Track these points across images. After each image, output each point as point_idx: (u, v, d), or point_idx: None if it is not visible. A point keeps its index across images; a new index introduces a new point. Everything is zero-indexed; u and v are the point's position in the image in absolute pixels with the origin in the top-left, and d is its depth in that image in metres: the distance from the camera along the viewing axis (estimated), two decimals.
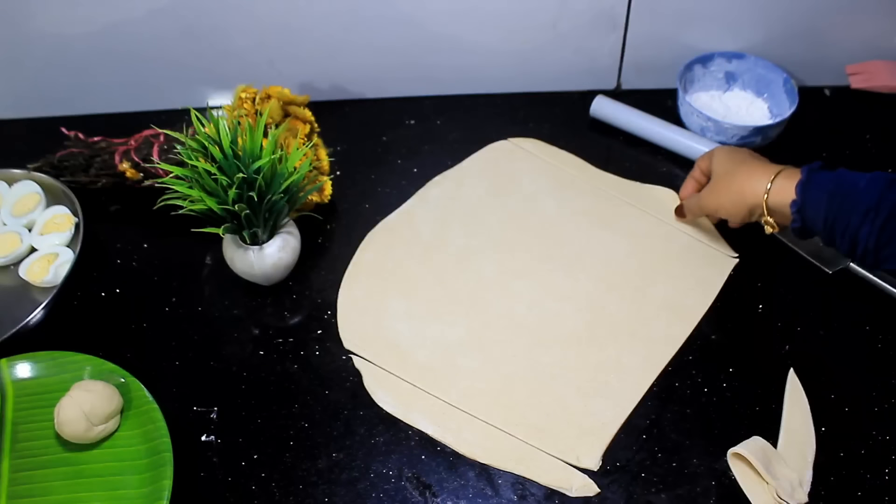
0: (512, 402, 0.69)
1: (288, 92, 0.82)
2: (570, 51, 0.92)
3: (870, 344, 0.72)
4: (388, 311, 0.75)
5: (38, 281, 0.76)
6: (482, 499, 0.64)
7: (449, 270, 0.78)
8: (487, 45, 0.91)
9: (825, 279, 0.76)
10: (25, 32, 0.88)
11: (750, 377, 0.70)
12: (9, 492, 0.64)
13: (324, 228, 0.83)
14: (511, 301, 0.76)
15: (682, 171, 0.87)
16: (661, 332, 0.73)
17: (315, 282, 0.79)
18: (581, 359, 0.71)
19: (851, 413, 0.67)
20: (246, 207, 0.67)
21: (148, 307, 0.77)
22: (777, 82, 0.90)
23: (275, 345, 0.74)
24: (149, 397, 0.67)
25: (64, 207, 0.82)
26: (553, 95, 0.97)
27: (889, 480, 0.63)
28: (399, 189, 0.86)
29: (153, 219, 0.77)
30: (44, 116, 0.96)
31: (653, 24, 0.90)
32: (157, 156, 0.80)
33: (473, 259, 0.79)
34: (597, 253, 0.79)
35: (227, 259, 0.74)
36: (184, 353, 0.74)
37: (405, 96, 0.97)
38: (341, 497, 0.64)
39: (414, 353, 0.72)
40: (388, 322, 0.74)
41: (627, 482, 0.64)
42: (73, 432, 0.64)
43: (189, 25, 0.87)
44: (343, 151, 0.90)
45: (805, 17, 0.89)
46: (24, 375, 0.70)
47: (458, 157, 0.89)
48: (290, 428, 0.68)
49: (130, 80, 0.93)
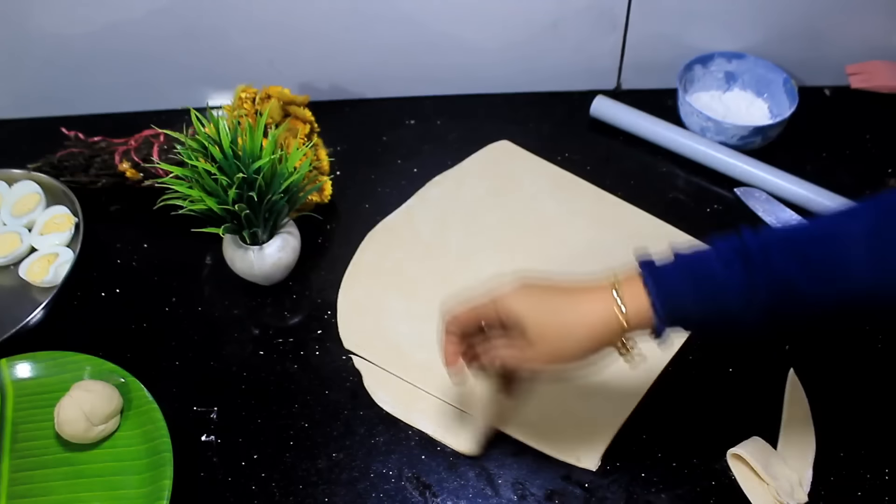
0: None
1: (288, 92, 0.82)
2: (570, 51, 0.92)
3: (870, 344, 0.72)
4: (388, 312, 0.75)
5: (38, 281, 0.76)
6: (482, 499, 0.64)
7: (449, 270, 0.78)
8: (487, 45, 0.91)
9: None
10: (25, 32, 0.88)
11: (750, 377, 0.70)
12: (9, 492, 0.64)
13: (324, 228, 0.83)
14: None
15: (682, 171, 0.87)
16: None
17: (315, 282, 0.79)
18: None
19: (851, 413, 0.67)
20: (246, 207, 0.67)
21: (148, 307, 0.77)
22: (777, 82, 0.90)
23: (275, 345, 0.74)
24: (149, 397, 0.67)
25: (64, 207, 0.82)
26: (553, 95, 0.97)
27: (889, 480, 0.63)
28: (399, 189, 0.86)
29: (153, 219, 0.77)
30: (44, 116, 0.96)
31: (653, 24, 0.90)
32: (157, 156, 0.80)
33: (473, 259, 0.79)
34: (597, 253, 0.79)
35: (227, 259, 0.74)
36: (184, 353, 0.74)
37: (405, 96, 0.97)
38: (341, 497, 0.64)
39: (414, 353, 0.72)
40: (389, 322, 0.74)
41: (627, 482, 0.64)
42: (73, 432, 0.64)
43: (189, 25, 0.87)
44: (343, 151, 0.90)
45: (805, 17, 0.89)
46: (24, 375, 0.70)
47: (458, 157, 0.89)
48: (290, 428, 0.68)
49: (130, 80, 0.93)
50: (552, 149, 0.90)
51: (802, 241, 0.51)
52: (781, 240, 0.51)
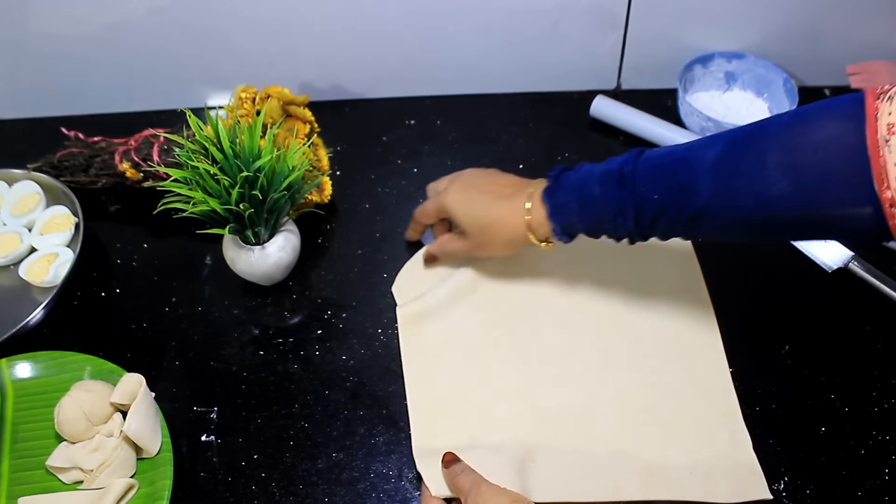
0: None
1: (288, 92, 0.82)
2: (570, 51, 0.92)
3: (870, 344, 0.72)
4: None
5: (38, 281, 0.76)
6: None
7: (498, 365, 0.72)
8: (487, 45, 0.91)
9: (825, 279, 0.76)
10: (25, 32, 0.88)
11: (750, 377, 0.70)
12: (9, 492, 0.64)
13: (324, 228, 0.83)
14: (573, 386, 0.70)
15: None
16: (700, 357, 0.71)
17: (315, 282, 0.79)
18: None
19: (851, 413, 0.67)
20: (250, 207, 0.67)
21: (148, 307, 0.77)
22: (777, 82, 0.90)
23: (275, 345, 0.74)
24: None
25: (64, 207, 0.82)
26: (553, 95, 0.97)
27: (889, 480, 0.63)
28: (399, 189, 0.86)
29: (153, 219, 0.77)
30: (44, 116, 0.96)
31: (653, 24, 0.90)
32: (157, 156, 0.80)
33: (521, 348, 0.73)
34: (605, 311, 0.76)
35: (228, 259, 0.74)
36: (184, 353, 0.74)
37: (405, 96, 0.97)
38: (341, 497, 0.64)
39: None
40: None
41: None
42: (73, 432, 0.64)
43: (189, 25, 0.87)
44: (343, 151, 0.90)
45: (805, 17, 0.89)
46: (24, 375, 0.70)
47: (458, 157, 0.89)
48: (290, 428, 0.68)
49: (130, 80, 0.93)
50: (552, 149, 0.90)
51: (664, 165, 0.60)
52: (649, 166, 0.60)
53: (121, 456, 0.63)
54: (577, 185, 0.64)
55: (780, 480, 0.63)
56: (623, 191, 0.61)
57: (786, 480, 0.63)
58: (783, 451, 0.65)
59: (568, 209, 0.64)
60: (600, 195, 0.62)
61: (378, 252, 0.81)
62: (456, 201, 0.71)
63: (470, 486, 0.58)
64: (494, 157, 0.89)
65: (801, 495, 0.63)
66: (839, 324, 0.73)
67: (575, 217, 0.64)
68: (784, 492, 0.63)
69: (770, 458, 0.64)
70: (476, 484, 0.58)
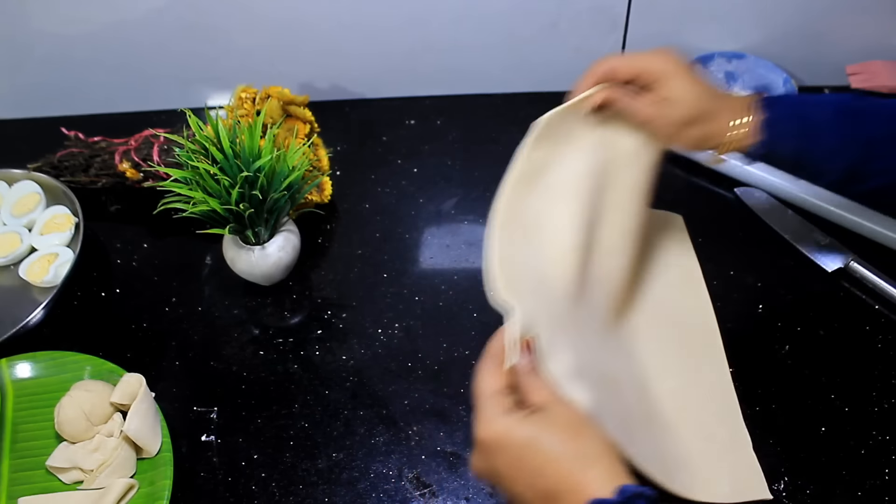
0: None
1: (288, 92, 0.82)
2: (570, 51, 0.92)
3: (870, 344, 0.72)
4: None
5: (38, 281, 0.76)
6: (482, 499, 0.64)
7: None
8: (487, 45, 0.91)
9: (825, 279, 0.76)
10: (25, 32, 0.88)
11: (750, 377, 0.70)
12: (9, 492, 0.64)
13: (324, 228, 0.83)
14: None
15: (682, 172, 0.87)
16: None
17: (315, 282, 0.79)
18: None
19: (851, 413, 0.67)
20: (250, 207, 0.67)
21: (148, 307, 0.77)
22: (777, 82, 0.90)
23: (275, 345, 0.74)
24: None
25: (64, 207, 0.82)
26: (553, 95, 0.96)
27: (889, 480, 0.63)
28: (399, 189, 0.87)
29: (153, 219, 0.77)
30: (44, 116, 0.96)
31: (653, 24, 0.90)
32: (157, 156, 0.80)
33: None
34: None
35: (228, 259, 0.74)
36: (184, 353, 0.74)
37: (405, 96, 0.97)
38: (341, 497, 0.64)
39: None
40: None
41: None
42: (73, 432, 0.64)
43: (189, 25, 0.88)
44: (343, 151, 0.90)
45: (805, 17, 0.89)
46: (24, 375, 0.70)
47: (458, 157, 0.89)
48: (290, 428, 0.68)
49: (130, 80, 0.93)
50: None
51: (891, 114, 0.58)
52: (878, 108, 0.59)
53: (121, 456, 0.63)
54: (801, 108, 0.61)
55: (780, 480, 0.63)
56: (854, 126, 0.58)
57: (786, 480, 0.63)
58: (783, 450, 0.65)
59: (784, 126, 0.60)
60: (827, 125, 0.59)
61: (378, 252, 0.81)
62: (678, 70, 0.62)
63: (549, 396, 0.50)
64: (494, 157, 0.89)
65: (801, 495, 0.62)
66: (839, 324, 0.73)
67: (789, 140, 0.60)
68: (784, 492, 0.63)
69: (770, 457, 0.64)
70: (558, 400, 0.50)
